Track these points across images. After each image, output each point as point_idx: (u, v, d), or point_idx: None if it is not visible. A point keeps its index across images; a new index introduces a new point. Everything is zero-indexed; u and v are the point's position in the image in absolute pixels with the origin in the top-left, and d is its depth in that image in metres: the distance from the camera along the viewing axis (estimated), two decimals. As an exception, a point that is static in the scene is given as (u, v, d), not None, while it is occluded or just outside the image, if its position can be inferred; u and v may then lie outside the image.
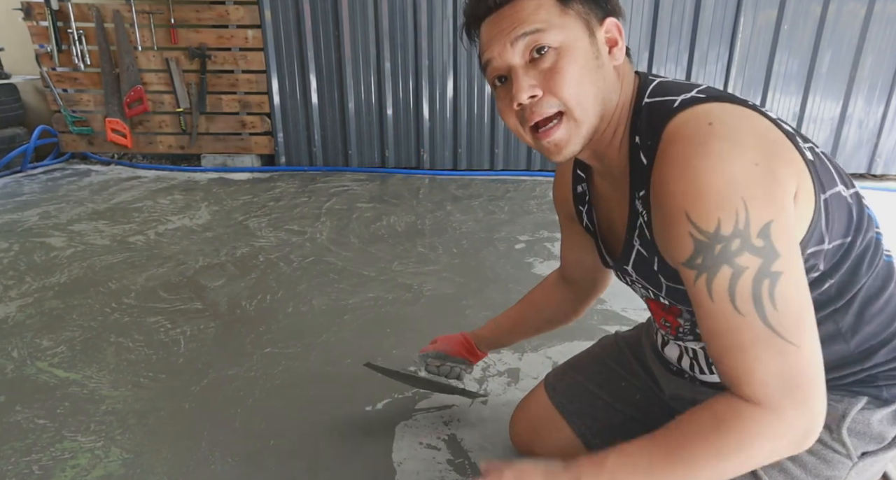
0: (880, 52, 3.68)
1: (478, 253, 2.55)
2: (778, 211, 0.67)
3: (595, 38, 0.77)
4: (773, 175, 0.67)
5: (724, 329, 0.68)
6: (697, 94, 0.75)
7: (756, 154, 0.67)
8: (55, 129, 4.22)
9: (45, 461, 1.31)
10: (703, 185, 0.66)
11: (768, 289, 0.65)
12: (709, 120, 0.70)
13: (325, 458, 1.32)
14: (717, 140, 0.67)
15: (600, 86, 0.77)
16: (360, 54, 3.91)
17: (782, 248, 0.66)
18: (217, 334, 1.87)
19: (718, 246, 0.66)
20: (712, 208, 0.66)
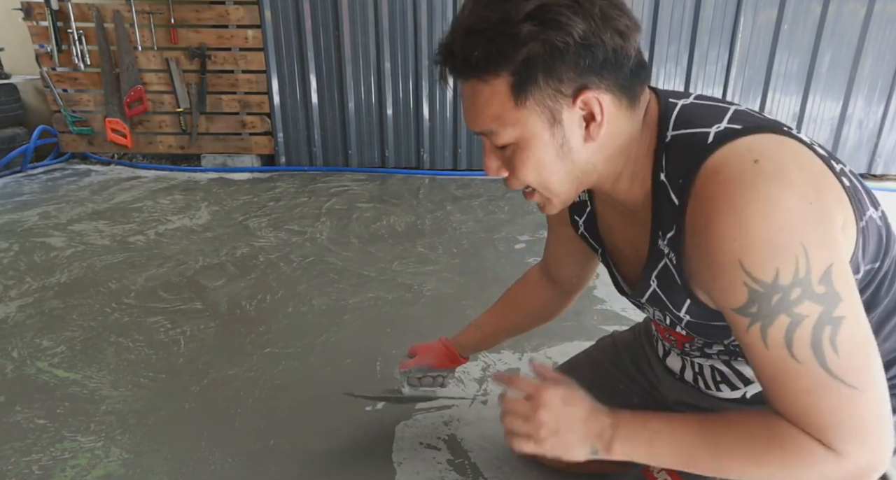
0: (880, 52, 3.68)
1: (478, 253, 2.55)
2: (835, 251, 0.64)
3: (560, 125, 0.70)
4: (826, 212, 0.64)
5: (780, 376, 0.66)
6: (732, 125, 0.69)
7: (808, 191, 0.63)
8: (55, 129, 4.22)
9: (45, 461, 1.31)
10: (757, 233, 0.62)
11: (829, 336, 0.62)
12: (753, 157, 0.64)
13: (325, 458, 1.32)
14: (765, 181, 0.62)
15: (569, 170, 0.73)
16: (360, 54, 3.91)
17: (843, 291, 0.63)
18: (217, 334, 1.87)
19: (776, 296, 0.63)
20: (769, 257, 0.62)
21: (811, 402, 0.64)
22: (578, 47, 0.65)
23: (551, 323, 1.90)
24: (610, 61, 0.67)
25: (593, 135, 0.70)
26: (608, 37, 0.66)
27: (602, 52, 0.66)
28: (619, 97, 0.70)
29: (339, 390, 1.57)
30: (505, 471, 1.28)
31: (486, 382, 1.60)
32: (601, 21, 0.65)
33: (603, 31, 0.65)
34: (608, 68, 0.67)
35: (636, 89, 0.71)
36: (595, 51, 0.66)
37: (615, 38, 0.66)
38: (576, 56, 0.66)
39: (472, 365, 1.67)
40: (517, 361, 1.70)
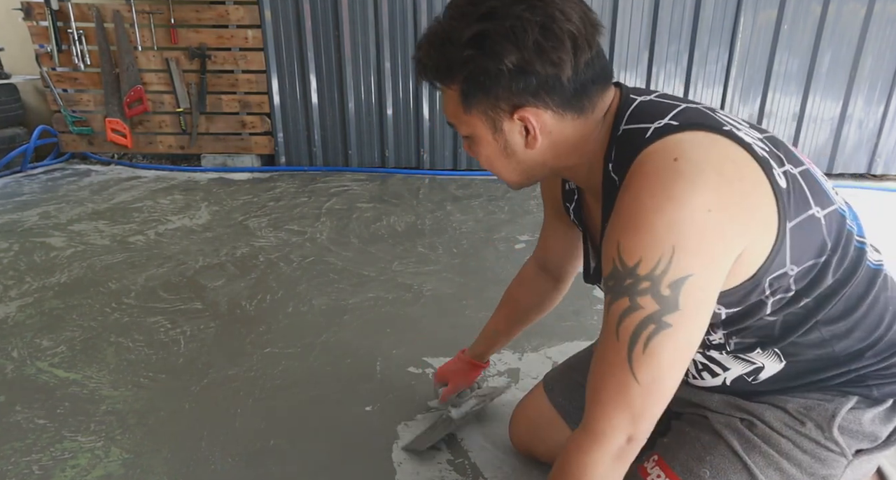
0: (880, 52, 3.68)
1: (478, 253, 2.55)
2: (704, 266, 0.67)
3: (501, 132, 0.79)
4: (722, 225, 0.67)
5: (603, 343, 0.74)
6: (671, 121, 0.73)
7: (714, 198, 0.67)
8: (55, 129, 4.22)
9: (45, 461, 1.31)
10: (643, 221, 0.67)
11: (648, 333, 0.68)
12: (674, 154, 0.69)
13: (325, 458, 1.32)
14: (674, 179, 0.67)
15: (515, 166, 0.83)
16: (360, 54, 3.91)
17: (686, 304, 0.67)
18: (217, 334, 1.87)
19: (629, 280, 0.69)
20: (639, 246, 0.68)
21: (604, 373, 0.73)
22: (512, 73, 0.73)
23: (551, 323, 1.91)
24: (545, 86, 0.74)
25: (531, 144, 0.79)
26: (540, 66, 0.72)
27: (535, 78, 0.73)
28: (560, 112, 0.77)
29: (339, 390, 1.57)
30: (505, 471, 1.28)
31: (486, 382, 1.60)
32: (534, 52, 0.71)
33: (535, 61, 0.72)
34: (544, 91, 0.74)
35: (583, 102, 0.78)
36: (528, 77, 0.73)
37: (547, 67, 0.72)
38: (509, 80, 0.73)
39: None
40: (517, 361, 1.70)
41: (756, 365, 0.85)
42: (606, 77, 0.79)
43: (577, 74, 0.74)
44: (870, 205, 3.35)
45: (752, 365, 0.85)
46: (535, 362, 1.70)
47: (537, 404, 1.23)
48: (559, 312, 1.97)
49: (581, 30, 0.73)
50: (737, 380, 0.88)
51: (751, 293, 0.75)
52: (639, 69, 3.83)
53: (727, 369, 0.88)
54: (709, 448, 0.88)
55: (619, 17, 3.72)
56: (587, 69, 0.75)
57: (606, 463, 0.74)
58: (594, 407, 0.74)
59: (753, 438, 0.85)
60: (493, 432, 1.40)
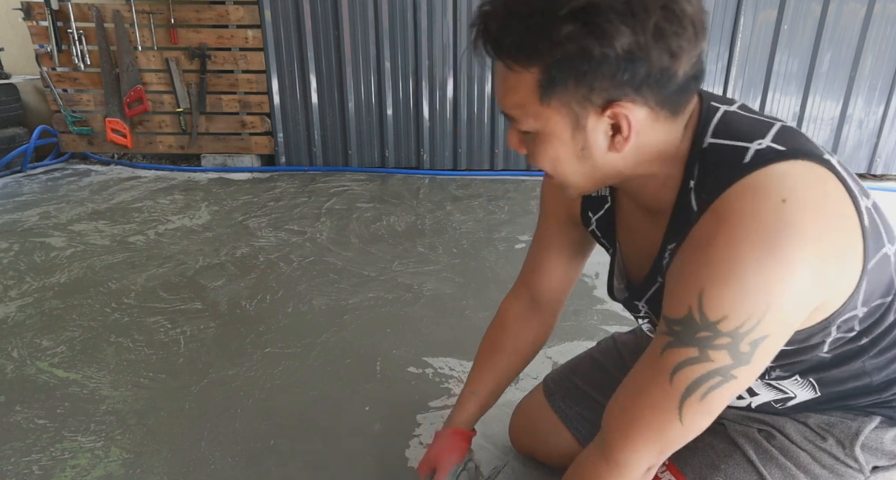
0: (880, 52, 3.68)
1: (478, 253, 2.55)
2: (785, 327, 0.63)
3: (583, 130, 0.66)
4: (817, 285, 0.61)
5: (646, 382, 0.68)
6: (775, 145, 0.63)
7: (816, 255, 0.59)
8: (55, 129, 4.22)
9: (45, 461, 1.31)
10: (737, 277, 0.59)
11: (711, 385, 0.64)
12: (783, 194, 0.59)
13: (324, 458, 1.32)
14: (784, 231, 0.58)
15: (587, 171, 0.70)
16: (360, 54, 3.91)
17: (758, 360, 0.63)
18: (217, 334, 1.87)
19: (705, 333, 0.62)
20: (728, 303, 0.60)
21: (642, 410, 0.68)
22: (619, 60, 0.59)
23: (551, 323, 1.90)
24: (654, 78, 0.61)
25: (618, 147, 0.66)
26: (656, 55, 0.60)
27: (645, 68, 0.60)
28: (657, 111, 0.65)
29: (339, 390, 1.57)
30: (505, 471, 1.28)
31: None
32: (652, 37, 0.59)
33: (651, 48, 0.59)
34: (650, 84, 0.62)
35: (681, 102, 0.66)
36: (638, 66, 0.60)
37: (663, 58, 0.60)
38: (614, 68, 0.60)
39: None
40: (517, 361, 1.70)
41: (787, 395, 0.82)
42: (700, 79, 0.68)
43: (691, 67, 0.63)
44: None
45: (784, 393, 0.82)
46: (535, 362, 1.69)
47: (537, 408, 1.22)
48: (559, 312, 1.97)
49: (699, 14, 0.61)
50: (763, 405, 0.86)
51: (816, 335, 0.71)
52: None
53: (756, 394, 0.85)
54: (723, 456, 0.86)
55: (619, 17, 3.72)
56: (698, 61, 0.65)
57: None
58: (621, 439, 0.70)
59: (771, 449, 0.83)
60: (494, 432, 1.39)
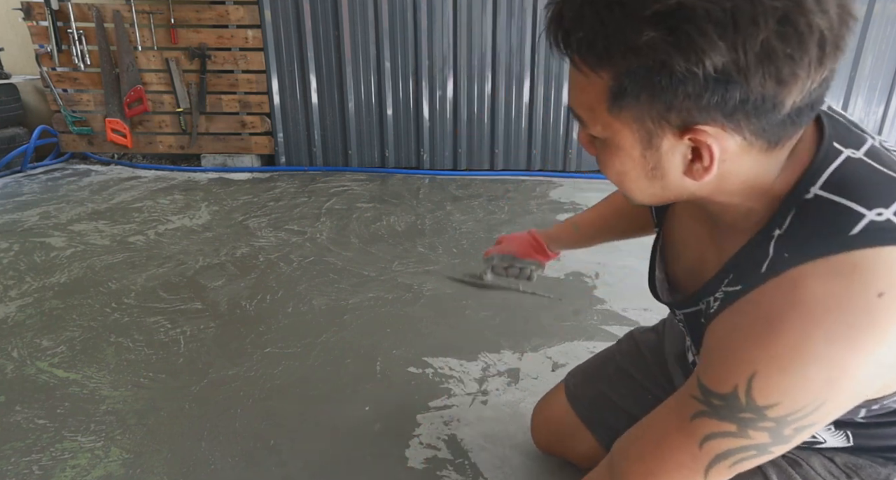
0: (880, 52, 3.68)
1: (478, 253, 2.55)
2: (833, 415, 0.56)
3: (656, 150, 0.56)
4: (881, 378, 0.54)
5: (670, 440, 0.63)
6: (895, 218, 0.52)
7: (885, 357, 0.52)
8: (55, 129, 4.22)
9: (45, 461, 1.31)
10: (801, 366, 0.52)
11: (744, 457, 0.58)
12: (881, 288, 0.50)
13: (324, 458, 1.32)
14: (869, 326, 0.50)
15: (654, 192, 0.61)
16: (360, 54, 3.91)
17: (796, 440, 0.57)
18: (217, 334, 1.87)
19: (749, 414, 0.55)
20: (782, 392, 0.53)
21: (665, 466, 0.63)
22: (709, 80, 0.48)
23: (551, 323, 1.91)
24: (752, 106, 0.50)
25: (696, 176, 0.56)
26: (757, 81, 0.48)
27: (742, 93, 0.49)
28: (750, 142, 0.53)
29: (339, 390, 1.57)
30: (505, 471, 1.28)
31: (486, 382, 1.60)
32: (757, 58, 0.47)
33: (753, 72, 0.47)
34: (746, 112, 0.50)
35: (785, 134, 0.54)
36: (732, 90, 0.49)
37: (768, 84, 0.48)
38: (702, 89, 0.49)
39: (472, 366, 1.67)
40: (517, 361, 1.70)
41: (817, 440, 0.76)
42: (814, 110, 0.55)
43: (806, 96, 0.51)
44: None
45: (814, 438, 0.75)
46: (535, 362, 1.70)
47: (561, 410, 1.20)
48: (559, 312, 1.97)
49: (834, 26, 0.48)
50: None
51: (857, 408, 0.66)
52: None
53: None
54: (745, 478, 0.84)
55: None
56: (819, 88, 0.52)
57: None
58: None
59: (795, 476, 0.79)
60: (494, 432, 1.40)
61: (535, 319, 1.94)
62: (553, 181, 3.85)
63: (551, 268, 2.36)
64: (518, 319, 1.94)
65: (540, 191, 3.60)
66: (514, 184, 3.77)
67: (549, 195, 3.52)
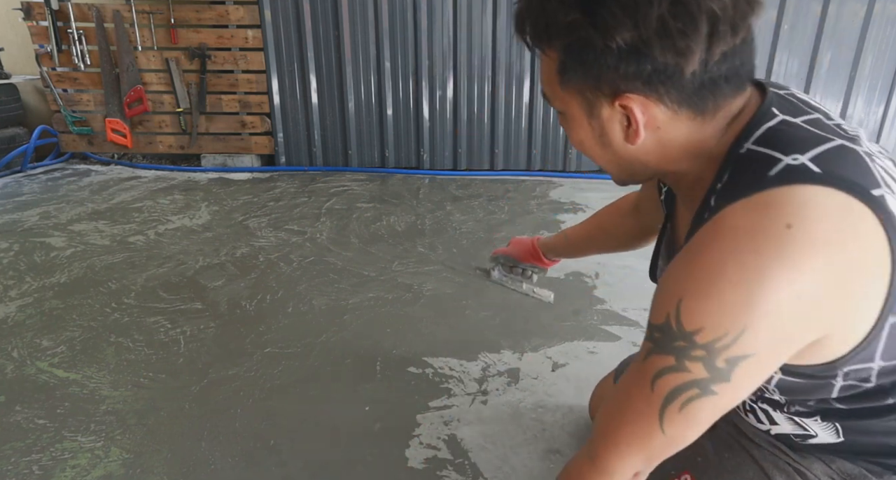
0: (880, 52, 3.68)
1: (478, 253, 2.55)
2: (769, 350, 0.58)
3: (598, 119, 0.66)
4: (807, 313, 0.57)
5: (631, 387, 0.67)
6: (810, 164, 0.58)
7: (810, 286, 0.55)
8: (55, 129, 4.22)
9: (45, 461, 1.31)
10: (718, 291, 0.57)
11: (688, 397, 0.61)
12: (789, 220, 0.55)
13: (324, 458, 1.32)
14: (778, 254, 0.55)
15: (610, 159, 0.70)
16: (360, 54, 3.91)
17: (738, 379, 0.59)
18: (217, 334, 1.87)
19: (682, 342, 0.60)
20: (705, 315, 0.58)
21: (627, 416, 0.66)
22: (622, 53, 0.58)
23: (551, 323, 1.91)
24: (662, 75, 0.59)
25: (631, 139, 0.65)
26: (658, 52, 0.57)
27: (652, 64, 0.58)
28: (675, 108, 0.62)
29: (339, 390, 1.57)
30: (505, 471, 1.28)
31: (487, 382, 1.60)
32: (655, 33, 0.56)
33: (654, 44, 0.57)
34: (660, 80, 0.60)
35: (706, 102, 0.62)
36: (642, 61, 0.58)
37: (668, 55, 0.57)
38: (618, 60, 0.59)
39: (472, 365, 1.67)
40: (517, 361, 1.70)
41: (808, 432, 0.77)
42: (746, 75, 0.63)
43: (707, 68, 0.59)
44: None
45: (805, 430, 0.77)
46: (535, 362, 1.70)
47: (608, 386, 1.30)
48: (559, 312, 1.97)
49: (727, 8, 0.56)
50: (782, 436, 0.83)
51: (818, 376, 0.67)
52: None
53: (776, 424, 0.82)
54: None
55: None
56: (723, 62, 0.59)
57: None
58: (608, 444, 0.69)
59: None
60: (494, 432, 1.40)
61: (535, 319, 1.94)
62: (553, 181, 3.86)
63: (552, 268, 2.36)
64: (518, 319, 1.94)
65: (540, 191, 3.60)
66: (514, 184, 3.77)
67: (549, 195, 3.52)
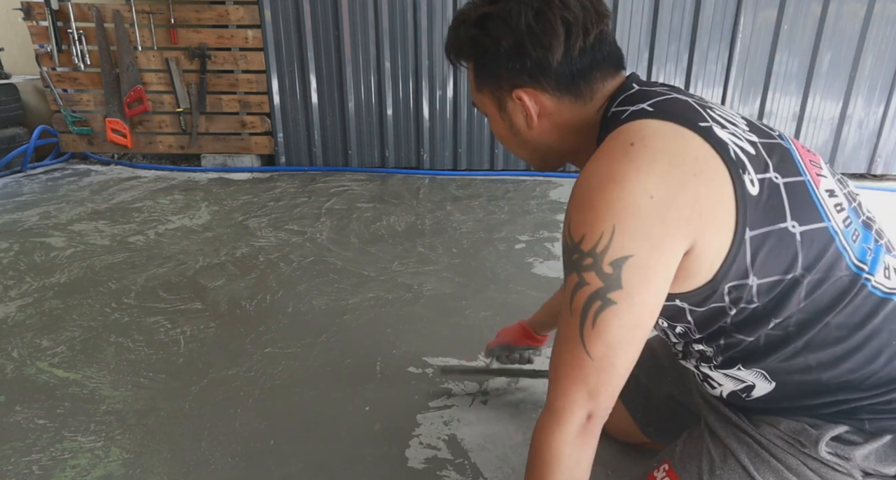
0: (880, 52, 3.68)
1: (478, 253, 2.55)
2: (645, 249, 0.68)
3: (506, 112, 0.85)
4: (664, 212, 0.68)
5: (560, 319, 0.76)
6: (647, 107, 0.76)
7: (658, 185, 0.68)
8: (55, 129, 4.22)
9: (45, 461, 1.31)
10: (587, 200, 0.70)
11: (595, 310, 0.70)
12: (632, 139, 0.71)
13: (324, 458, 1.32)
14: (623, 161, 0.69)
15: (524, 146, 0.88)
16: (360, 54, 3.91)
17: (629, 282, 0.69)
18: (217, 334, 1.87)
19: (575, 255, 0.71)
20: (582, 223, 0.70)
21: (561, 350, 0.75)
22: (508, 54, 0.79)
23: (551, 323, 1.90)
24: (538, 68, 0.79)
25: (531, 125, 0.84)
26: (531, 48, 0.77)
27: (529, 60, 0.78)
28: (557, 95, 0.81)
29: (339, 390, 1.57)
30: (505, 471, 1.28)
31: (487, 382, 1.60)
32: (526, 35, 0.77)
33: (527, 44, 0.77)
34: (538, 73, 0.79)
35: (580, 87, 0.81)
36: (522, 59, 0.78)
37: (538, 50, 0.77)
38: (506, 60, 0.79)
39: (474, 365, 1.67)
40: (517, 361, 1.70)
41: (746, 383, 0.84)
42: (612, 64, 0.82)
43: (571, 59, 0.78)
44: (870, 205, 3.35)
45: (743, 383, 0.84)
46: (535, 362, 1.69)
47: None
48: (559, 312, 1.97)
49: (578, 17, 0.76)
50: (731, 395, 0.88)
51: (710, 297, 0.76)
52: (639, 69, 3.83)
53: (721, 384, 0.88)
54: (719, 463, 0.87)
55: (619, 17, 3.72)
56: (583, 55, 0.79)
57: (570, 441, 0.76)
58: (554, 385, 0.77)
59: (762, 452, 0.84)
60: (494, 432, 1.40)
61: (535, 319, 1.94)
62: (553, 181, 3.85)
63: (552, 268, 2.37)
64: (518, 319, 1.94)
65: (540, 191, 3.60)
66: (514, 184, 3.77)
67: (548, 195, 3.52)
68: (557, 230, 2.85)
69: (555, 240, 2.72)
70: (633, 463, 1.29)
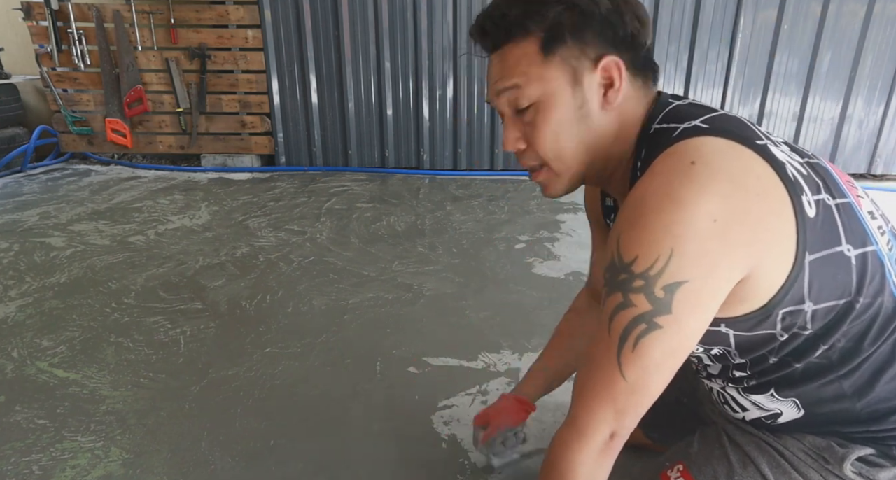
0: (880, 52, 3.68)
1: (478, 253, 2.55)
2: (701, 276, 0.65)
3: (581, 86, 0.75)
4: (725, 237, 0.64)
5: (594, 338, 0.73)
6: (701, 124, 0.71)
7: (722, 208, 0.64)
8: (55, 129, 4.22)
9: (45, 461, 1.31)
10: (645, 220, 0.66)
11: (638, 333, 0.67)
12: (692, 158, 0.67)
13: (324, 458, 1.32)
14: (685, 182, 0.65)
15: (583, 138, 0.78)
16: (360, 54, 3.91)
17: (678, 309, 0.66)
18: (217, 334, 1.87)
19: (624, 275, 0.68)
20: (636, 243, 0.67)
21: (592, 368, 0.73)
22: (603, 19, 0.73)
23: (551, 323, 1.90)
24: (628, 41, 0.75)
25: (611, 99, 0.76)
26: (629, 18, 0.74)
27: (622, 30, 0.74)
28: (633, 74, 0.77)
29: (339, 390, 1.57)
30: (505, 471, 1.28)
31: (487, 382, 1.60)
32: (623, 4, 0.74)
33: (625, 12, 0.74)
34: (626, 47, 0.75)
35: (647, 75, 0.79)
36: (616, 27, 0.74)
37: (634, 22, 0.74)
38: (600, 25, 0.73)
39: (472, 365, 1.67)
40: (517, 360, 1.70)
41: (773, 411, 0.83)
42: (655, 66, 0.81)
43: (647, 48, 0.77)
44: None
45: (769, 410, 0.83)
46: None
47: None
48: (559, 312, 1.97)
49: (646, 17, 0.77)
50: (755, 421, 0.87)
51: (761, 323, 0.72)
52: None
53: (746, 410, 0.87)
54: (739, 469, 0.86)
55: (619, 17, 3.72)
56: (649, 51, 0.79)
57: (591, 459, 0.74)
58: (579, 402, 0.75)
59: (783, 463, 0.83)
60: (493, 432, 1.39)
61: (535, 319, 1.94)
62: (553, 181, 3.85)
63: (552, 268, 2.37)
64: (518, 319, 1.94)
65: (540, 192, 3.59)
66: (514, 184, 3.77)
67: (549, 195, 3.51)
68: (557, 230, 2.85)
69: (555, 240, 2.72)
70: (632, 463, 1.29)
